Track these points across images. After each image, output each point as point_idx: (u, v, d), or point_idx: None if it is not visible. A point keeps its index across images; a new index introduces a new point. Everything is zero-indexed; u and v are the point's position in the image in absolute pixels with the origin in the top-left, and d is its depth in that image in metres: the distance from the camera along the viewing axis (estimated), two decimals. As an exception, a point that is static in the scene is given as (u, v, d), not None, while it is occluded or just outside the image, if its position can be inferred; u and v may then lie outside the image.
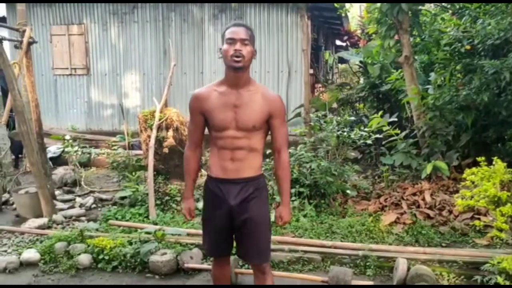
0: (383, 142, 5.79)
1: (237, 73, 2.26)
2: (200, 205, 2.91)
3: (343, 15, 9.28)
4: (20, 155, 6.88)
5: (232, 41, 2.21)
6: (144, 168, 5.38)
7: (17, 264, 3.72)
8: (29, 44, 5.16)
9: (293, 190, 4.67)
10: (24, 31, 5.13)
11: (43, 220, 4.62)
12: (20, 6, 5.29)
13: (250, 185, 2.35)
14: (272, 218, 2.61)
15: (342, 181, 5.04)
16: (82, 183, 6.22)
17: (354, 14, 12.66)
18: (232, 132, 2.28)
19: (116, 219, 4.63)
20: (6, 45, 4.93)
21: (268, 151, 5.15)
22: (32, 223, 4.54)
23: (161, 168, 5.31)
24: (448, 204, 4.53)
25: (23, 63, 5.15)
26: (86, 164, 7.17)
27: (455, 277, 3.27)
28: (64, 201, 5.49)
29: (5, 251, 4.00)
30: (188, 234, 3.97)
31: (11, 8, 8.79)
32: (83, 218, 4.95)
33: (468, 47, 5.38)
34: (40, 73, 9.16)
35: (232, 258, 2.91)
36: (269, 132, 2.41)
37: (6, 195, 5.51)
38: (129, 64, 9.20)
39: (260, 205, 2.38)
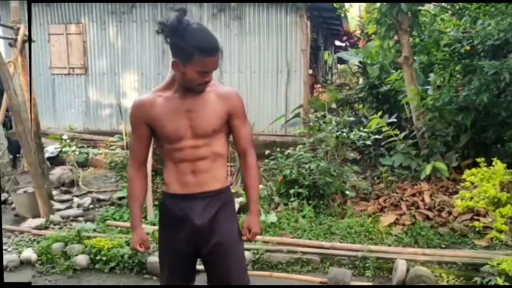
0: (383, 143, 5.78)
1: None
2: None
3: (342, 15, 9.27)
4: (18, 155, 6.86)
5: (205, 74, 1.87)
6: (142, 168, 5.35)
7: (18, 262, 3.74)
8: (24, 42, 5.11)
9: (292, 191, 4.68)
10: (18, 29, 5.07)
11: (41, 221, 4.60)
12: (14, 3, 5.23)
13: (216, 200, 2.02)
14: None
15: (341, 182, 5.03)
16: (80, 183, 6.19)
17: (354, 14, 12.67)
18: (190, 141, 1.95)
19: (114, 219, 4.61)
20: (0, 43, 4.88)
21: (267, 151, 5.21)
22: (31, 223, 4.52)
23: (159, 168, 5.28)
24: (447, 205, 4.52)
25: (18, 62, 5.11)
26: (84, 164, 7.14)
27: (454, 279, 3.26)
28: (62, 201, 5.47)
29: (6, 249, 3.99)
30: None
31: (5, 5, 8.69)
32: (80, 218, 4.92)
33: (467, 47, 5.37)
34: (38, 73, 9.13)
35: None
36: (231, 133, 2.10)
37: (5, 195, 5.49)
38: (127, 64, 9.17)
39: (230, 223, 2.08)
